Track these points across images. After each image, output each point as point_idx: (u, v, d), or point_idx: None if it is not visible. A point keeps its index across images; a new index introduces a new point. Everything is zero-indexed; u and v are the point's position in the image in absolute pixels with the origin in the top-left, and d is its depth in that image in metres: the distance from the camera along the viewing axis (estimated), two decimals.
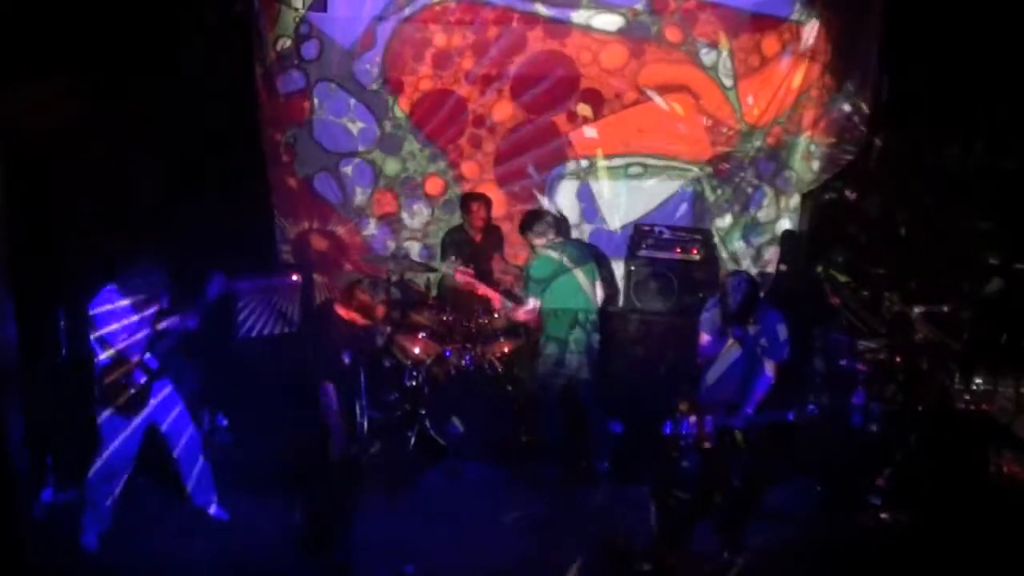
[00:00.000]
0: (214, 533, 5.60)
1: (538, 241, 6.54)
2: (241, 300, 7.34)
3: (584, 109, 7.97)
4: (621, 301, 7.85)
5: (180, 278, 5.49)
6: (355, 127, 8.08)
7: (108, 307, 5.29)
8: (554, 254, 6.45)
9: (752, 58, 7.81)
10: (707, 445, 5.35)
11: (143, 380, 5.37)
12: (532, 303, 6.43)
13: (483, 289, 6.91)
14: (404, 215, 8.27)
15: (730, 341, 5.61)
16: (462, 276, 6.90)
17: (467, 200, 7.50)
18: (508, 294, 7.15)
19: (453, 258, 7.08)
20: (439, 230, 8.05)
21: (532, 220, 6.65)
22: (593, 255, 6.78)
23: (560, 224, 7.22)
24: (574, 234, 8.06)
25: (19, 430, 5.23)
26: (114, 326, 5.29)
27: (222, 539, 5.53)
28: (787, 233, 7.95)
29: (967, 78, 6.73)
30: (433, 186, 8.21)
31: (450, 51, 7.91)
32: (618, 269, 7.97)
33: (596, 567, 5.41)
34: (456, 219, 7.90)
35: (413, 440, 6.75)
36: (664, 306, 7.46)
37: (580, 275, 6.44)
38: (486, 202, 7.48)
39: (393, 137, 8.10)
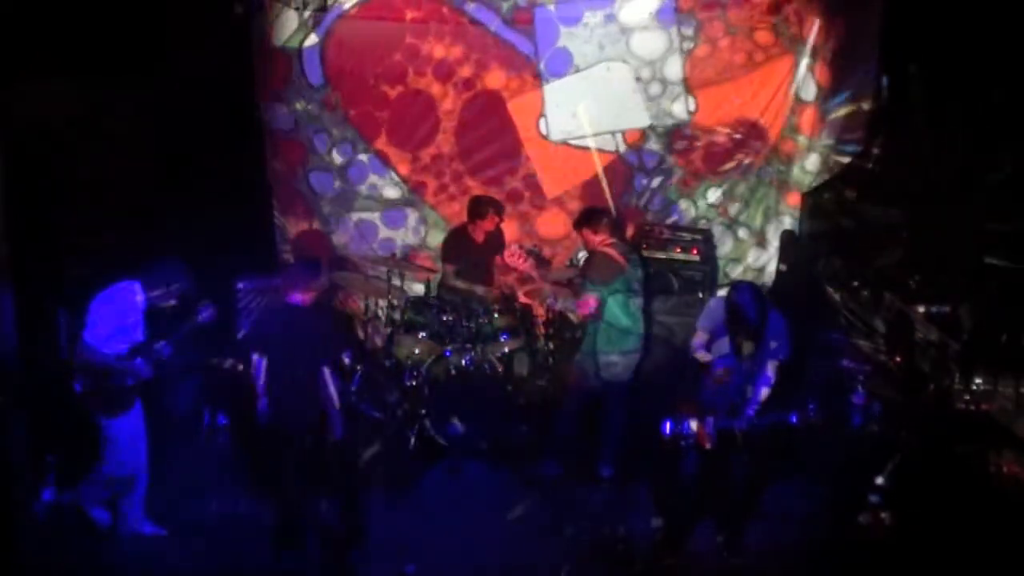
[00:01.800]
0: (214, 533, 5.60)
1: (595, 238, 6.40)
2: (241, 300, 7.34)
3: None
4: None
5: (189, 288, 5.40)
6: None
7: (114, 308, 5.21)
8: (614, 253, 6.31)
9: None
10: (707, 446, 5.34)
11: (130, 384, 5.24)
12: (592, 299, 6.26)
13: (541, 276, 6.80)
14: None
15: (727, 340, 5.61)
16: (524, 266, 6.65)
17: (480, 205, 7.38)
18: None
19: (521, 246, 6.89)
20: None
21: (589, 216, 6.53)
22: (639, 256, 6.70)
23: (620, 223, 7.10)
24: None
25: (20, 429, 5.24)
26: (113, 327, 5.20)
27: (222, 540, 5.53)
28: (787, 233, 7.95)
29: (967, 78, 6.74)
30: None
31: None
32: None
33: (596, 567, 5.41)
34: None
35: (413, 440, 6.74)
36: (663, 306, 7.45)
37: (632, 277, 6.35)
38: (498, 208, 7.44)
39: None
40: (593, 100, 7.94)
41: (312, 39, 7.87)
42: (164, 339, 5.30)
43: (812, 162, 7.92)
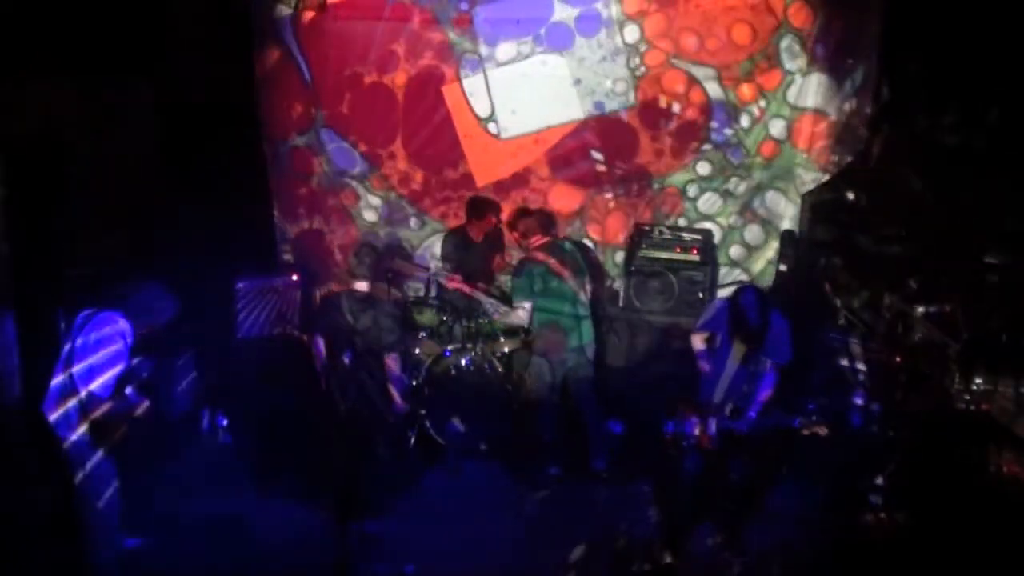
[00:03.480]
0: (216, 532, 5.60)
1: (526, 241, 6.49)
2: (241, 300, 7.34)
3: None
4: (621, 301, 7.85)
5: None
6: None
7: (100, 344, 4.89)
8: (542, 256, 6.39)
9: None
10: (708, 446, 5.34)
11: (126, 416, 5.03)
12: (524, 306, 6.37)
13: (475, 294, 6.87)
14: None
15: (729, 342, 5.60)
16: (452, 283, 6.88)
17: (478, 206, 7.40)
18: (503, 298, 7.16)
19: (444, 265, 6.99)
20: None
21: (519, 219, 6.60)
22: (581, 253, 6.73)
23: (549, 222, 7.17)
24: None
25: (20, 430, 5.24)
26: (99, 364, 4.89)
27: (224, 539, 5.54)
28: (787, 233, 7.94)
29: (967, 76, 6.73)
30: None
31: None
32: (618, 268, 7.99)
33: (596, 567, 5.41)
34: None
35: (413, 440, 6.74)
36: (664, 306, 7.46)
37: (569, 276, 6.39)
38: (495, 208, 7.44)
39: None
40: (533, 94, 7.92)
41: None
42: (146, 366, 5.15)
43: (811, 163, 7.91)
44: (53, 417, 4.92)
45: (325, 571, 5.31)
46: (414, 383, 6.85)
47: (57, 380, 4.92)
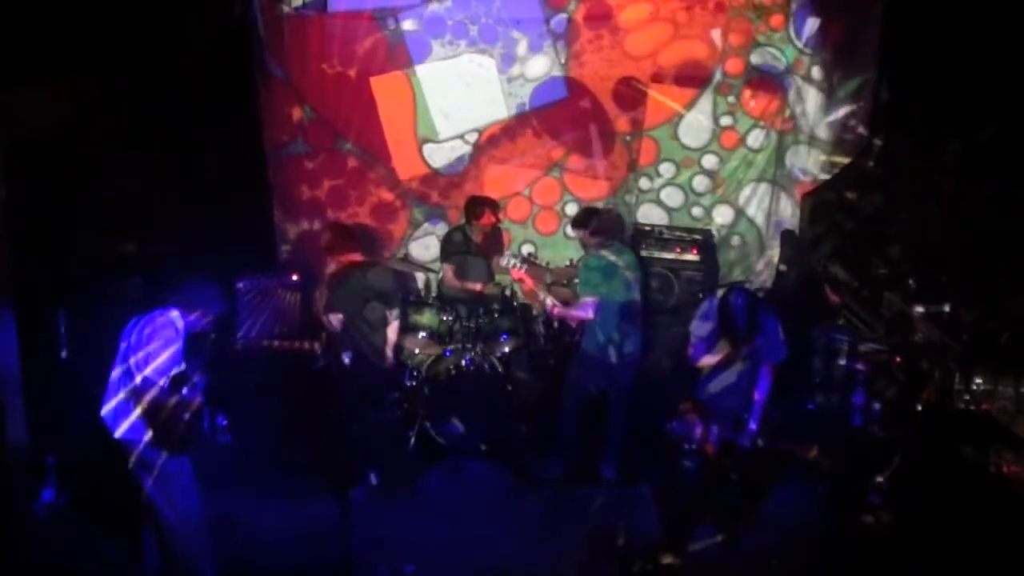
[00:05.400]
0: (216, 532, 5.59)
1: (593, 240, 6.41)
2: (241, 300, 7.33)
3: None
4: None
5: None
6: None
7: (160, 340, 4.79)
8: (610, 255, 6.33)
9: None
10: (710, 450, 5.33)
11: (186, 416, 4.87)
12: (590, 303, 6.29)
13: (537, 286, 6.83)
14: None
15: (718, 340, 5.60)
16: (518, 274, 6.63)
17: (477, 205, 7.38)
18: (502, 298, 7.14)
19: (512, 254, 6.79)
20: None
21: (588, 218, 6.52)
22: (637, 258, 6.68)
23: (617, 225, 7.08)
24: None
25: (20, 430, 5.23)
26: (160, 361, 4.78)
27: (224, 538, 5.53)
28: (787, 233, 7.95)
29: (967, 77, 6.74)
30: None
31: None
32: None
33: (596, 567, 5.41)
34: None
35: (413, 440, 6.75)
36: (663, 306, 7.46)
37: (630, 278, 6.35)
38: (494, 207, 7.45)
39: None
40: (464, 94, 7.99)
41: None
42: (200, 364, 5.03)
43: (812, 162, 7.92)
44: (112, 418, 4.85)
45: (325, 571, 5.32)
46: (413, 383, 6.85)
47: (114, 379, 4.85)
